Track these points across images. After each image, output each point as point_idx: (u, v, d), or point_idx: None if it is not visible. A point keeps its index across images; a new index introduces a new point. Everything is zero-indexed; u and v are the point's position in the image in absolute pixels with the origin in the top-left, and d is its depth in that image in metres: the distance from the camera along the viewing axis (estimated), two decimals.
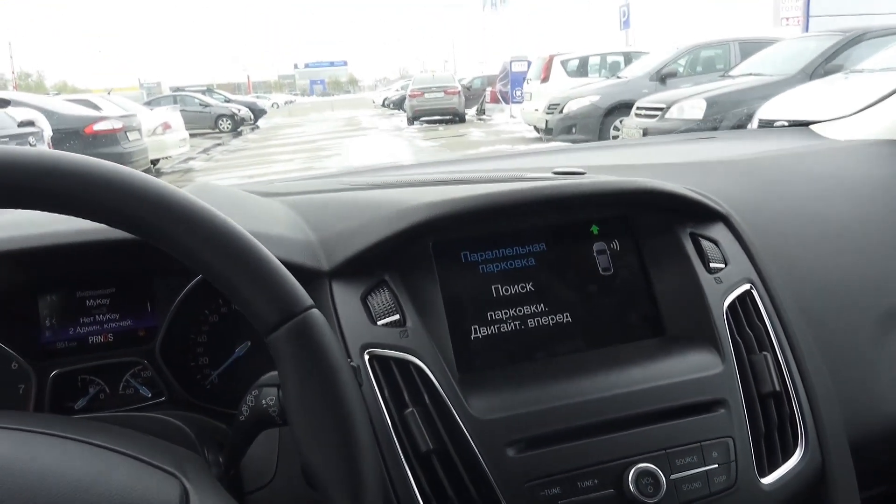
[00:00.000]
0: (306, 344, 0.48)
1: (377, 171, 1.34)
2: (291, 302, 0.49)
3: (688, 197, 0.84)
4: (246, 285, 0.48)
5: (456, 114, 19.17)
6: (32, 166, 0.45)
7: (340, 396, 0.48)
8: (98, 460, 0.45)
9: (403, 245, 0.75)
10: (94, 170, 0.46)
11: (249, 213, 0.83)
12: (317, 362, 0.48)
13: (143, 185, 0.47)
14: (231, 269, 0.48)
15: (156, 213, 0.47)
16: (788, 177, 1.08)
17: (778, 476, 0.74)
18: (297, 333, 0.48)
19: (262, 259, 0.49)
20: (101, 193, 0.46)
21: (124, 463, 0.46)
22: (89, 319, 0.82)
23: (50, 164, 0.46)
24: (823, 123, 1.41)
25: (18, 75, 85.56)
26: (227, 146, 16.74)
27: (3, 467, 0.41)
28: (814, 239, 0.95)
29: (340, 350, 0.50)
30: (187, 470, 0.48)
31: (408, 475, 0.66)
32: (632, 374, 0.74)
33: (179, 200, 0.47)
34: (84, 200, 0.46)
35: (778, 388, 0.77)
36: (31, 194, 0.45)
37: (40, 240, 0.72)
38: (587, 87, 10.04)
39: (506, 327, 0.78)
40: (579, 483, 0.68)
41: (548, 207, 0.81)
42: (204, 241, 0.47)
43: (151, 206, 0.47)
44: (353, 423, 0.48)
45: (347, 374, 0.49)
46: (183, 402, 0.80)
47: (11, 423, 0.46)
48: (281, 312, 0.48)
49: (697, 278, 0.80)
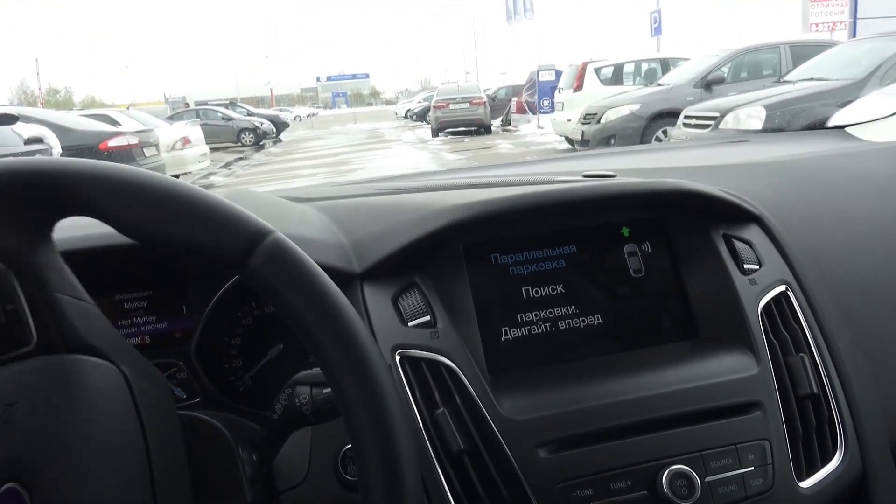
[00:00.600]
0: (285, 259, 0.48)
1: (405, 177, 1.36)
2: (256, 230, 0.48)
3: (720, 198, 0.83)
4: (206, 229, 0.47)
5: (482, 125, 18.77)
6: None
7: (337, 312, 0.47)
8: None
9: (434, 247, 0.76)
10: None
11: (286, 216, 0.85)
12: (303, 279, 0.47)
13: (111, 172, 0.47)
14: (186, 220, 0.47)
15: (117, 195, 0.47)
16: (823, 178, 1.07)
17: (816, 480, 0.73)
18: (271, 252, 0.48)
19: (215, 201, 0.48)
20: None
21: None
22: (127, 322, 0.84)
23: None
24: (859, 125, 1.40)
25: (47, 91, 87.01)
26: (249, 160, 16.54)
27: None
28: (850, 240, 0.93)
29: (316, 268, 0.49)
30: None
31: (439, 475, 0.66)
32: (665, 375, 0.73)
33: (128, 175, 0.47)
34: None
35: (815, 391, 0.75)
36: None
37: (81, 242, 0.74)
38: (625, 95, 9.51)
39: (536, 329, 0.78)
40: (612, 484, 0.67)
41: (578, 209, 0.81)
42: (158, 208, 0.47)
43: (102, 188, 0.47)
44: (355, 331, 0.47)
45: (333, 286, 0.48)
46: (217, 403, 0.81)
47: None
48: (249, 239, 0.48)
49: (731, 280, 0.79)
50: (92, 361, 0.50)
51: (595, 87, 11.68)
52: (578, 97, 11.59)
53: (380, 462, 0.46)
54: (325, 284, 0.48)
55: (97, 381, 0.50)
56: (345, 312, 0.48)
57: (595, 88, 11.62)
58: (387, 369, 0.48)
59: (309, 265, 0.48)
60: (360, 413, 0.47)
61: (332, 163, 14.13)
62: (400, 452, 0.47)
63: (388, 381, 0.48)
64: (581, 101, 11.17)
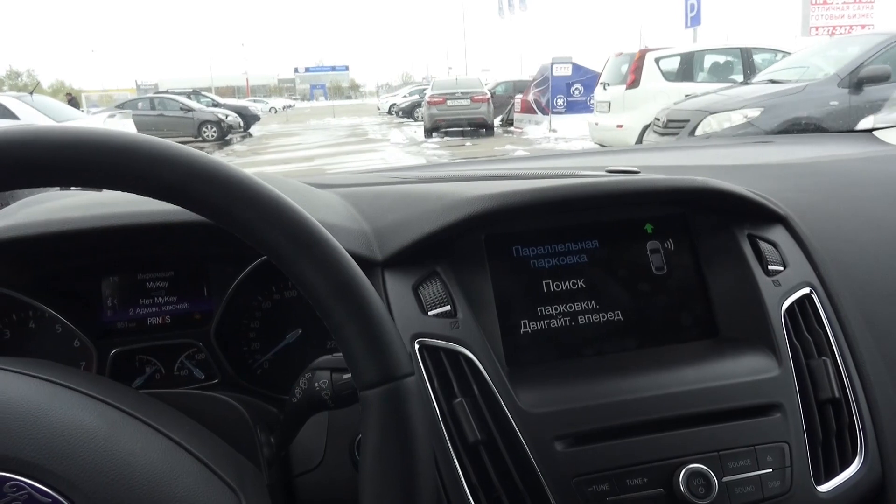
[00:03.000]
0: (397, 411, 0.49)
1: (428, 167, 1.40)
2: (395, 365, 0.49)
3: (746, 197, 0.84)
4: (357, 336, 0.49)
5: (484, 125, 15.80)
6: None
7: (415, 473, 0.49)
8: (172, 457, 0.48)
9: (456, 237, 0.78)
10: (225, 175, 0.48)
11: (310, 202, 0.86)
12: (401, 432, 0.49)
13: (273, 204, 0.48)
14: (347, 316, 0.49)
15: (290, 239, 0.48)
16: (850, 181, 1.07)
17: (835, 484, 0.74)
18: (391, 398, 0.49)
19: (379, 314, 0.49)
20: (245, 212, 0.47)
21: (192, 466, 0.49)
22: (148, 301, 0.86)
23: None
24: (887, 129, 1.40)
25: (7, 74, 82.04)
26: None
27: (95, 445, 0.44)
28: (876, 245, 0.93)
29: (427, 421, 0.50)
30: (246, 484, 0.51)
31: (456, 466, 0.67)
32: (684, 373, 0.75)
33: (305, 227, 0.48)
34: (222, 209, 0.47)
35: (837, 395, 0.76)
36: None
37: (106, 220, 0.77)
38: (727, 95, 6.37)
39: (556, 323, 0.79)
40: (628, 480, 0.68)
41: (602, 204, 0.83)
42: (327, 281, 0.48)
43: (286, 233, 0.48)
44: (418, 494, 0.49)
45: (426, 449, 0.51)
46: (235, 385, 0.83)
47: (105, 396, 0.49)
48: (382, 373, 0.49)
49: (755, 280, 0.80)
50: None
51: (657, 84, 8.90)
52: (634, 95, 8.82)
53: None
54: (421, 442, 0.50)
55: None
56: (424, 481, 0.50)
57: (657, 85, 8.86)
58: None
59: (416, 419, 0.50)
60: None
61: (306, 170, 11.83)
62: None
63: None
64: (637, 101, 8.40)
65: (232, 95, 62.16)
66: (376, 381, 0.48)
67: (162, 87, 43.46)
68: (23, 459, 0.41)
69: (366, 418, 0.49)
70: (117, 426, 0.47)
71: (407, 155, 13.40)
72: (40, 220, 0.77)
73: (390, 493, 0.48)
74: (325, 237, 0.49)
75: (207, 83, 68.27)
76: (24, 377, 0.48)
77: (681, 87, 8.63)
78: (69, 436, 0.44)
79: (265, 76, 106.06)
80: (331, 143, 17.25)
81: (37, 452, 0.42)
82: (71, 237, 0.76)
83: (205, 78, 74.76)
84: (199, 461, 0.49)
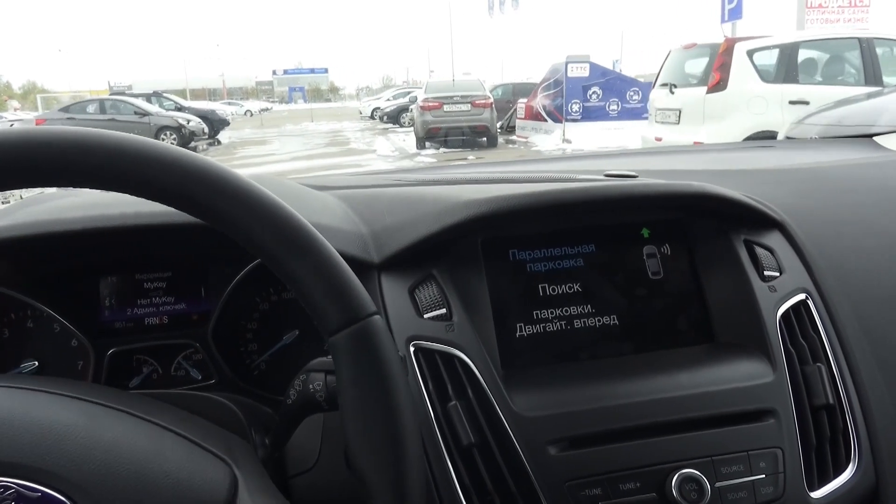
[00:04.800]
0: (365, 349, 0.50)
1: (425, 169, 1.42)
2: (357, 307, 0.50)
3: (743, 202, 0.84)
4: (314, 285, 0.49)
5: (486, 134, 13.36)
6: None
7: (393, 406, 0.50)
8: (157, 439, 0.49)
9: (452, 240, 0.78)
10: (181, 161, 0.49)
11: (307, 204, 0.86)
12: (374, 369, 0.49)
13: (217, 176, 0.49)
14: (300, 267, 0.49)
15: (232, 204, 0.48)
16: (848, 187, 1.06)
17: (828, 491, 0.73)
18: (358, 338, 0.50)
19: (332, 260, 0.50)
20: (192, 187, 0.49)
21: (179, 444, 0.50)
22: (146, 301, 0.86)
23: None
24: (887, 135, 1.37)
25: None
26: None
27: (77, 436, 0.45)
28: (873, 251, 0.92)
29: (397, 358, 0.51)
30: (237, 456, 0.52)
31: (449, 468, 0.67)
32: (679, 378, 0.74)
33: (253, 193, 0.49)
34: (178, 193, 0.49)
35: (831, 401, 0.76)
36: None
37: (105, 221, 0.77)
38: (874, 106, 4.00)
39: (551, 327, 0.79)
40: (621, 485, 0.68)
41: (599, 208, 0.82)
42: (275, 237, 0.49)
43: (227, 197, 0.48)
44: (402, 432, 0.50)
45: (402, 382, 0.51)
46: (231, 385, 0.83)
47: (84, 395, 0.50)
48: (346, 316, 0.50)
49: (750, 286, 0.80)
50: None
51: (751, 85, 6.57)
52: (719, 101, 6.37)
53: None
54: (396, 378, 0.51)
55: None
56: (405, 416, 0.51)
57: (751, 86, 6.54)
58: (422, 478, 0.51)
59: (388, 356, 0.51)
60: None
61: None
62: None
63: (420, 489, 0.50)
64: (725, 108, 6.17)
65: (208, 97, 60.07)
66: (343, 323, 0.49)
67: (136, 88, 42.13)
68: (5, 462, 0.42)
69: (338, 363, 0.50)
70: (98, 418, 0.48)
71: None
72: (39, 220, 0.78)
73: (375, 427, 0.48)
74: (268, 196, 0.49)
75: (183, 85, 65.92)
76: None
77: (782, 89, 6.32)
78: (50, 432, 0.44)
79: (243, 78, 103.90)
80: (308, 153, 14.97)
81: (19, 453, 0.42)
82: (70, 237, 0.77)
83: (181, 79, 72.05)
84: (186, 439, 0.50)
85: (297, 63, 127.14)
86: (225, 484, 0.47)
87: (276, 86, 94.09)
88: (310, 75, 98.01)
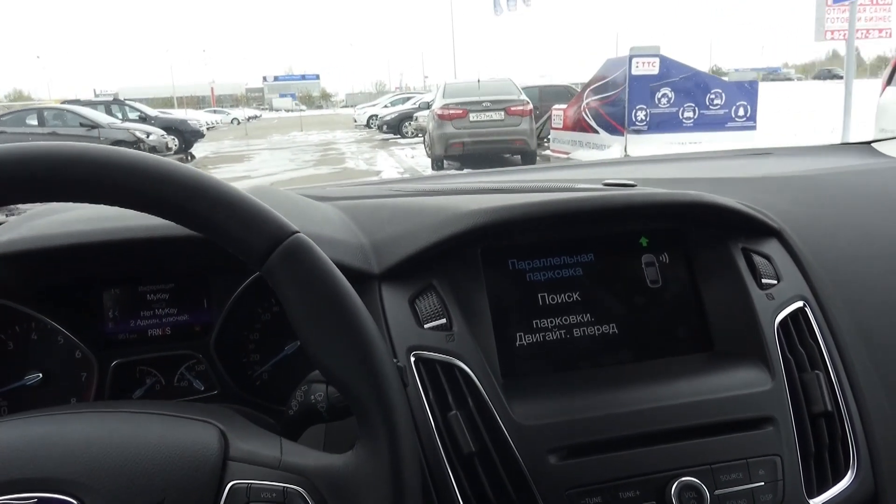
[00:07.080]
0: (300, 263, 0.50)
1: (426, 179, 1.39)
2: (277, 228, 0.51)
3: (740, 211, 0.85)
4: (231, 224, 0.50)
5: (523, 151, 10.04)
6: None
7: (348, 306, 0.50)
8: (135, 420, 0.50)
9: (452, 251, 0.78)
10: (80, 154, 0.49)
11: (306, 215, 0.87)
12: (316, 278, 0.50)
13: (128, 158, 0.49)
14: (214, 211, 0.50)
15: (141, 180, 0.49)
16: (846, 194, 1.06)
17: (827, 498, 0.73)
18: (290, 255, 0.50)
19: (242, 198, 0.51)
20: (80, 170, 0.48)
21: (161, 419, 0.51)
22: (149, 313, 0.87)
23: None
24: (885, 142, 1.36)
25: None
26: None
27: (52, 444, 0.47)
28: (871, 258, 0.92)
29: (334, 267, 0.52)
30: (220, 416, 0.53)
31: (449, 477, 0.68)
32: (678, 387, 0.75)
33: (157, 163, 0.50)
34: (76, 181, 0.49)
35: (830, 409, 0.76)
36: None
37: (109, 234, 0.78)
38: None
39: (551, 336, 0.79)
40: (621, 493, 0.68)
41: (598, 218, 0.83)
42: (187, 194, 0.49)
43: (135, 175, 0.49)
44: (364, 326, 0.50)
45: (346, 285, 0.51)
46: (234, 396, 0.84)
47: (58, 410, 0.52)
48: (270, 240, 0.50)
49: (748, 294, 0.81)
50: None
51: None
52: None
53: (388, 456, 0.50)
54: (341, 285, 0.51)
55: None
56: (359, 313, 0.51)
57: None
58: (395, 371, 0.52)
59: (327, 267, 0.51)
60: (373, 413, 0.50)
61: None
62: (405, 456, 0.50)
63: (397, 383, 0.51)
64: None
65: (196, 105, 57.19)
66: (269, 247, 0.50)
67: (122, 95, 39.41)
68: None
69: (279, 288, 0.50)
70: (68, 423, 0.49)
71: None
72: (43, 234, 0.79)
73: (338, 332, 0.49)
74: (159, 160, 0.50)
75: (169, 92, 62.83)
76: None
77: None
78: (23, 449, 0.46)
79: (233, 85, 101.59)
80: (291, 175, 11.58)
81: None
82: (73, 250, 0.77)
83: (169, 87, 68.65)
84: (166, 415, 0.51)
85: (288, 69, 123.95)
86: (214, 438, 0.49)
87: (266, 92, 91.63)
88: (301, 82, 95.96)
